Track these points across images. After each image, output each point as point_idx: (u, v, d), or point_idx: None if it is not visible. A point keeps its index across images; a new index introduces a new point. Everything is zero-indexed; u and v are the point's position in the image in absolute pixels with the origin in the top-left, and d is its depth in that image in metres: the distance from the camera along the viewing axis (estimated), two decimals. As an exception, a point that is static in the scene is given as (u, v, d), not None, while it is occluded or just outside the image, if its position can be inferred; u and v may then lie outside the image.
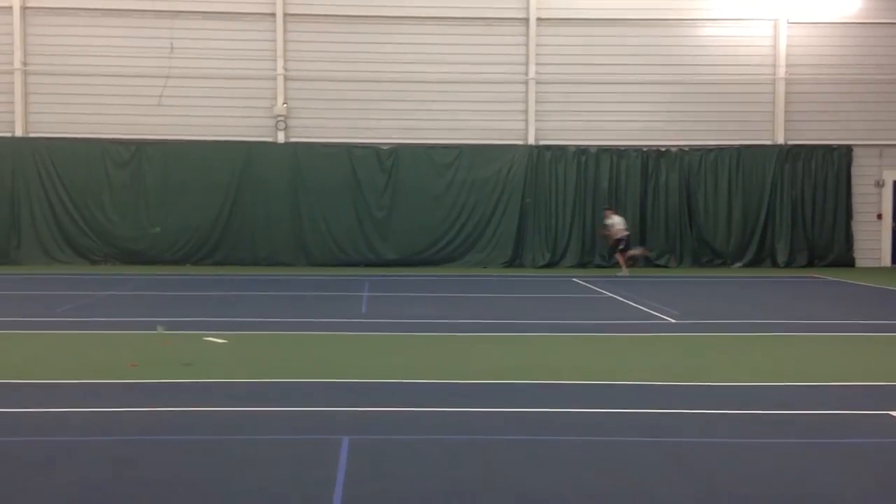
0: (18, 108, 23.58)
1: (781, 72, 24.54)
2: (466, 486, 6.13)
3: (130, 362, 10.25)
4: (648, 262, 24.30)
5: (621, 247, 22.22)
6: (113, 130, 23.70)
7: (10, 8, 23.39)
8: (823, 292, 19.29)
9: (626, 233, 22.34)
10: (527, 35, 24.22)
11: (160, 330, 12.32)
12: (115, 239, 23.68)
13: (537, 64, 24.23)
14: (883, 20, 24.64)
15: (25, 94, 23.69)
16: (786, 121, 24.70)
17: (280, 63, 23.85)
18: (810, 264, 24.33)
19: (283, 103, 23.90)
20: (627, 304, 16.34)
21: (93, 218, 23.64)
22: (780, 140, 24.68)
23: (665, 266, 24.19)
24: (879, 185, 24.95)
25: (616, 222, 22.40)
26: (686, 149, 24.52)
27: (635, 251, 22.84)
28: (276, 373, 9.85)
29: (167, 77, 23.58)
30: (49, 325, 13.22)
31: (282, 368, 10.16)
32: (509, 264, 24.07)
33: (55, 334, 12.54)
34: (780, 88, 24.59)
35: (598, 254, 24.33)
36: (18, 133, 23.59)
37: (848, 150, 24.74)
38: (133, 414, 8.01)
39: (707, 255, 24.59)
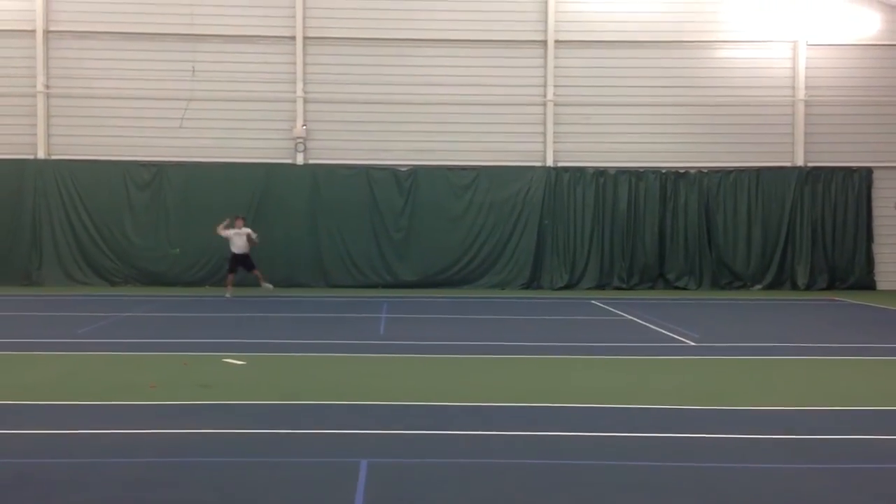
0: (41, 130, 23.83)
1: (801, 93, 24.47)
2: (486, 511, 6.10)
3: (150, 383, 10.29)
4: (667, 285, 24.16)
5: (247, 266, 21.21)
6: (134, 153, 23.91)
7: (34, 32, 23.70)
8: (845, 315, 19.12)
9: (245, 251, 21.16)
10: (545, 57, 24.29)
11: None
12: (136, 260, 23.81)
13: (555, 86, 24.28)
14: (902, 42, 24.56)
15: (48, 117, 23.95)
16: (805, 142, 24.60)
17: (300, 86, 24.02)
18: (831, 287, 24.15)
19: (303, 125, 24.04)
20: (647, 326, 16.27)
21: (113, 239, 23.81)
22: (800, 162, 24.58)
23: (685, 288, 24.05)
24: (900, 207, 24.78)
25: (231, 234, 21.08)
26: (705, 170, 24.45)
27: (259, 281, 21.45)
28: (294, 395, 9.85)
29: (189, 100, 23.77)
30: (69, 347, 13.28)
31: (300, 390, 10.16)
32: (527, 286, 24.02)
33: (75, 356, 12.59)
34: (800, 110, 24.52)
35: (617, 276, 24.25)
36: (41, 155, 23.83)
37: (868, 172, 24.61)
38: (153, 436, 8.03)
39: (727, 277, 24.46)
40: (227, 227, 21.15)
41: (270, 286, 21.46)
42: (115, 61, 23.94)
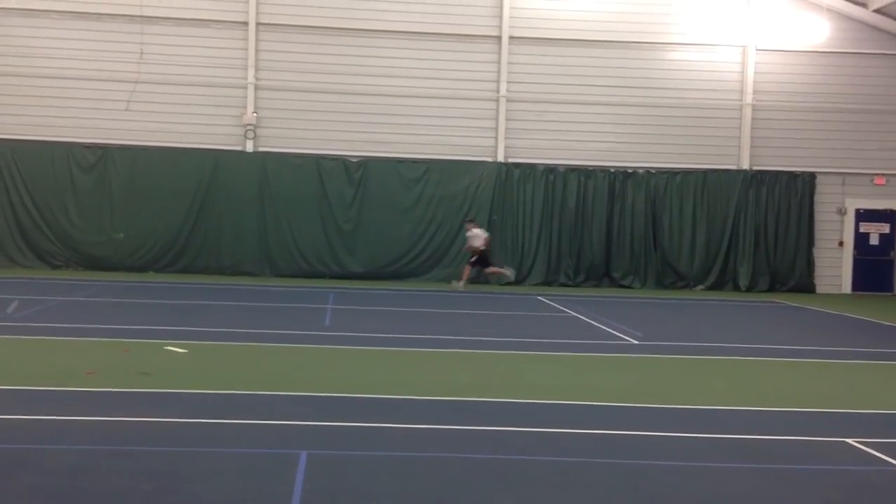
0: (-17, 108, 23.26)
1: (749, 98, 24.83)
2: (423, 503, 6.12)
3: (87, 370, 10.12)
4: (613, 283, 24.39)
5: (472, 259, 22.35)
6: (79, 134, 23.44)
7: (-22, 7, 23.12)
8: (784, 317, 19.48)
9: (484, 247, 22.31)
10: (499, 53, 24.32)
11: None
12: (78, 244, 23.37)
13: (508, 82, 24.34)
14: (849, 50, 25.00)
15: (-9, 95, 23.39)
16: (751, 146, 24.97)
17: (251, 72, 23.75)
18: (772, 289, 24.58)
19: (253, 112, 23.78)
20: (591, 324, 16.41)
21: (55, 222, 23.33)
22: (746, 165, 24.95)
23: (630, 287, 24.31)
24: (841, 212, 25.28)
25: (476, 235, 22.40)
26: (653, 171, 24.71)
27: (502, 270, 22.86)
28: (236, 384, 9.76)
29: (136, 82, 23.38)
30: (5, 330, 12.99)
31: (241, 380, 10.07)
32: (475, 280, 24.05)
33: (11, 339, 12.32)
34: (747, 114, 24.88)
35: (564, 273, 24.41)
36: (-18, 134, 23.27)
37: (811, 177, 25.07)
38: (89, 423, 7.90)
39: (671, 277, 24.76)
40: None
41: (461, 287, 21.71)
42: (62, 40, 23.42)
